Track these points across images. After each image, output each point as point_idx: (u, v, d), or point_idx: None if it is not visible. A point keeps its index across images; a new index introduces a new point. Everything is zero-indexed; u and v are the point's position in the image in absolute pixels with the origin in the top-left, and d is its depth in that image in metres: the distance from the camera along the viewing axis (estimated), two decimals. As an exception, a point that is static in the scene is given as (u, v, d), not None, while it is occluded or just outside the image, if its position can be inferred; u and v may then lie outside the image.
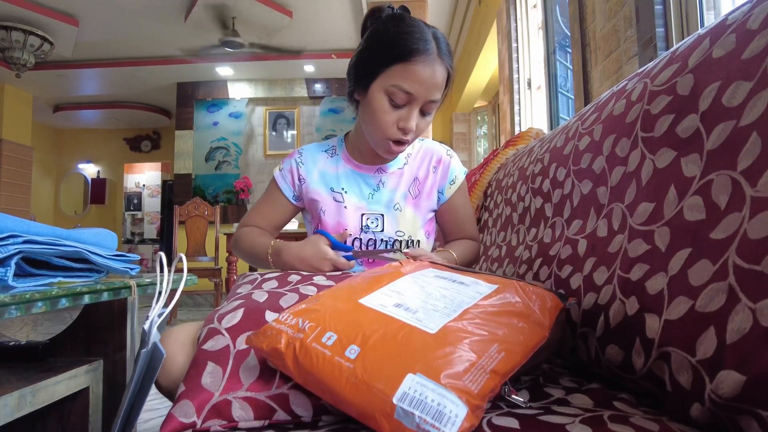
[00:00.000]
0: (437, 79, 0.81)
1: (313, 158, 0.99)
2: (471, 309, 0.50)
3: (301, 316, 0.51)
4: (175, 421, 0.49)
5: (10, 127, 5.44)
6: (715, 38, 0.55)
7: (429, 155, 1.00)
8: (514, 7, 3.03)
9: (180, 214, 4.07)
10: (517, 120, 3.00)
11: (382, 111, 0.82)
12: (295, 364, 0.47)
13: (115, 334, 0.92)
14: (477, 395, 0.40)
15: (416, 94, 0.80)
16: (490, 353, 0.44)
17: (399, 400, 0.39)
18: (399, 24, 0.82)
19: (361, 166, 0.97)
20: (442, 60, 0.81)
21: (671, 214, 0.53)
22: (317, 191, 0.96)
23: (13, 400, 0.64)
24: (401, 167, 0.98)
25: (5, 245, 0.64)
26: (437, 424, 0.37)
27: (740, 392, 0.38)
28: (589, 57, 1.82)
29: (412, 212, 0.96)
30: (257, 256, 0.93)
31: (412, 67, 0.78)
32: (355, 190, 0.96)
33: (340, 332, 0.47)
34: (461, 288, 0.56)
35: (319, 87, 5.56)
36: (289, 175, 0.99)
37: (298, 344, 0.48)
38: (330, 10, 4.10)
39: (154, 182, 7.08)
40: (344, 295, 0.55)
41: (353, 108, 0.93)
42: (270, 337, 0.50)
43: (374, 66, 0.82)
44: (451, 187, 0.99)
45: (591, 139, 0.78)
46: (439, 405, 0.38)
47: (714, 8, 1.31)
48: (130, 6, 3.92)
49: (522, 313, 0.52)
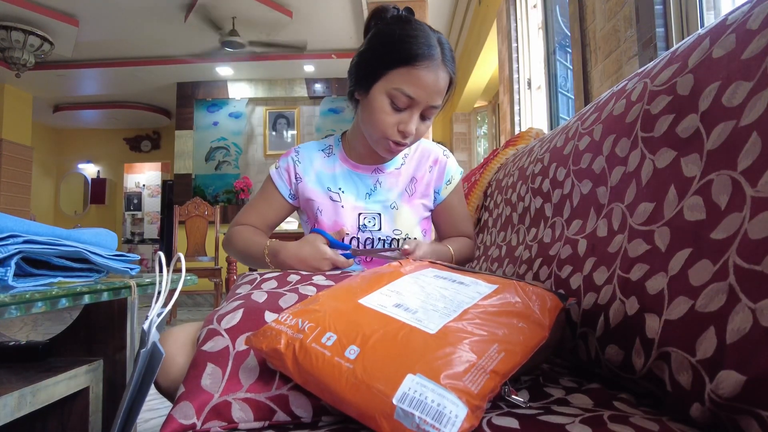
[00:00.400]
0: (440, 85, 0.81)
1: (309, 157, 0.99)
2: (471, 309, 0.50)
3: (300, 317, 0.51)
4: (175, 423, 0.49)
5: (10, 127, 5.44)
6: (715, 38, 0.55)
7: (426, 155, 1.00)
8: (514, 7, 3.03)
9: (180, 214, 4.07)
10: (517, 120, 3.00)
11: (383, 113, 0.82)
12: (295, 364, 0.47)
13: (115, 334, 0.92)
14: (477, 395, 0.40)
15: (418, 98, 0.80)
16: (490, 353, 0.44)
17: (399, 400, 0.39)
18: (404, 27, 0.81)
19: (359, 166, 0.97)
20: (446, 66, 0.81)
21: (671, 214, 0.53)
22: (314, 191, 0.96)
23: (13, 400, 0.64)
24: (398, 167, 0.98)
25: (5, 245, 0.64)
26: (437, 424, 0.37)
27: (740, 392, 0.38)
28: (589, 57, 1.82)
29: (408, 210, 0.96)
30: (252, 255, 0.92)
31: (416, 71, 0.78)
32: (352, 190, 0.96)
33: (339, 332, 0.47)
34: (461, 288, 0.56)
35: (319, 87, 5.56)
36: (285, 174, 0.98)
37: (297, 345, 0.47)
38: (330, 10, 4.10)
39: (154, 182, 7.08)
40: (344, 295, 0.55)
41: (352, 107, 0.93)
42: (269, 338, 0.50)
43: (377, 68, 0.81)
44: (447, 187, 1.00)
45: (591, 139, 0.78)
46: (439, 405, 0.38)
47: (714, 8, 1.31)
48: (130, 6, 3.91)
49: (522, 313, 0.52)
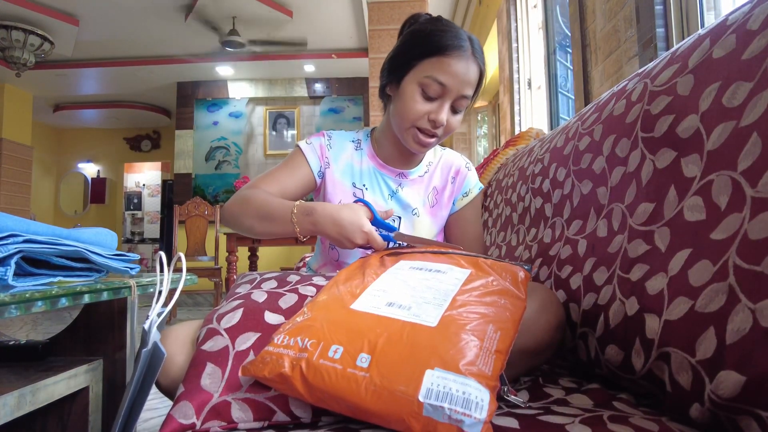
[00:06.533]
0: (470, 76, 0.82)
1: (341, 145, 0.97)
2: (458, 296, 0.52)
3: (298, 335, 0.49)
4: (175, 423, 0.49)
5: (10, 126, 5.44)
6: (715, 39, 0.55)
7: (449, 166, 0.99)
8: (514, 7, 3.03)
9: (180, 213, 4.07)
10: (517, 120, 3.00)
11: (414, 101, 0.83)
12: (305, 385, 0.45)
13: (115, 334, 0.92)
14: (492, 377, 0.42)
15: (450, 86, 0.81)
16: (489, 335, 0.46)
17: (425, 397, 0.40)
18: (435, 23, 0.85)
19: (385, 166, 0.96)
20: (476, 59, 0.83)
21: (671, 215, 0.53)
22: (340, 182, 0.94)
23: (12, 399, 0.64)
24: (422, 175, 0.97)
25: (5, 244, 0.64)
26: (468, 411, 0.38)
27: (740, 392, 0.38)
28: (590, 57, 1.82)
29: (429, 220, 0.96)
30: (272, 212, 0.81)
31: (447, 59, 0.80)
32: (376, 188, 0.95)
33: (345, 343, 0.46)
34: (441, 276, 0.57)
35: (319, 87, 5.55)
36: (318, 149, 0.95)
37: (304, 364, 0.46)
38: (330, 9, 4.10)
39: (154, 182, 7.06)
40: (333, 304, 0.54)
41: (383, 106, 0.94)
42: (271, 363, 0.48)
43: (410, 58, 0.83)
44: (463, 199, 0.99)
45: (591, 139, 0.78)
46: (464, 393, 0.39)
47: (714, 8, 1.31)
48: (131, 5, 3.91)
49: (501, 290, 0.54)
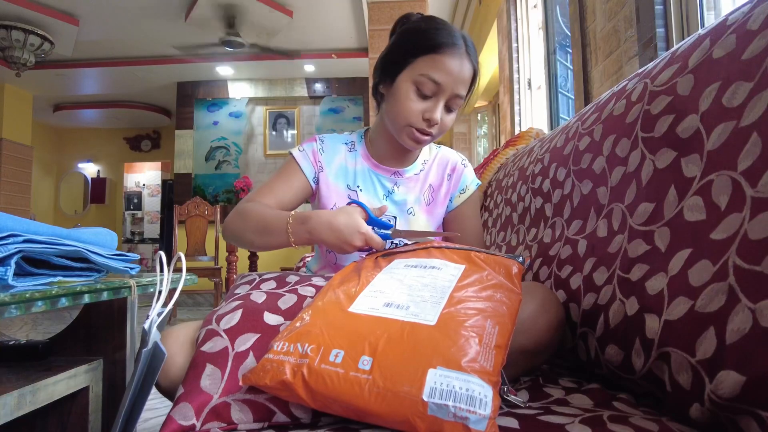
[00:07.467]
0: (464, 74, 0.82)
1: (333, 149, 0.97)
2: (455, 293, 0.52)
3: (298, 341, 0.49)
4: (174, 424, 0.49)
5: (11, 126, 5.44)
6: (715, 39, 0.55)
7: (444, 163, 0.99)
8: (514, 7, 3.03)
9: (180, 213, 4.06)
10: (517, 120, 3.00)
11: (409, 100, 0.82)
12: (308, 391, 0.45)
13: (115, 334, 0.92)
14: (493, 372, 0.42)
15: (444, 84, 0.81)
16: (488, 330, 0.46)
17: (429, 396, 0.40)
18: (429, 22, 0.85)
19: (379, 166, 0.96)
20: (470, 57, 0.83)
21: (671, 215, 0.53)
22: (335, 185, 0.94)
23: (12, 399, 0.64)
24: (417, 173, 0.97)
25: (5, 244, 0.64)
26: (472, 408, 0.38)
27: (740, 392, 0.38)
28: (590, 57, 1.82)
29: (425, 218, 0.95)
30: (269, 225, 0.81)
31: (441, 57, 0.80)
32: (371, 189, 0.95)
33: (345, 347, 0.46)
34: (436, 273, 0.57)
35: (320, 87, 5.55)
36: (311, 156, 0.95)
37: (306, 370, 0.46)
38: (330, 9, 4.10)
39: (154, 182, 7.07)
40: (332, 308, 0.54)
41: (376, 104, 0.93)
42: (271, 371, 0.48)
43: (404, 57, 0.83)
44: (460, 195, 0.98)
45: (591, 139, 0.78)
46: (467, 390, 0.39)
47: (714, 8, 1.30)
48: (130, 5, 3.91)
49: (496, 284, 0.54)
